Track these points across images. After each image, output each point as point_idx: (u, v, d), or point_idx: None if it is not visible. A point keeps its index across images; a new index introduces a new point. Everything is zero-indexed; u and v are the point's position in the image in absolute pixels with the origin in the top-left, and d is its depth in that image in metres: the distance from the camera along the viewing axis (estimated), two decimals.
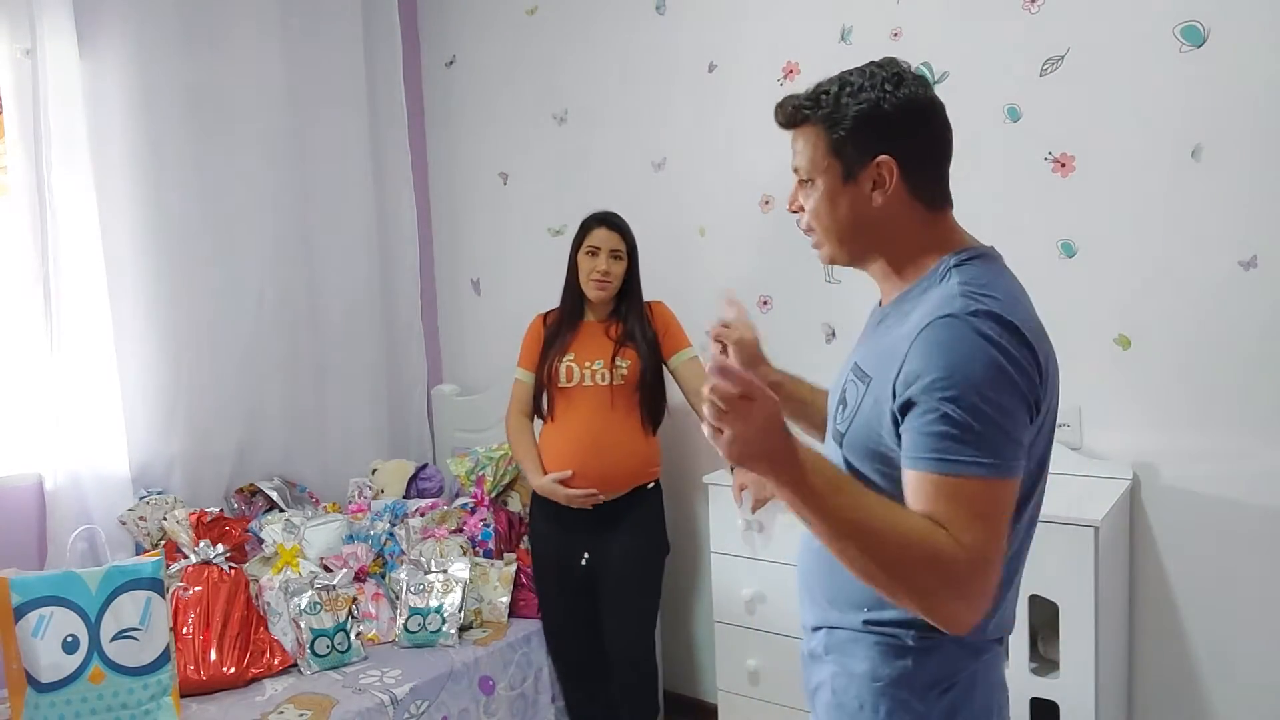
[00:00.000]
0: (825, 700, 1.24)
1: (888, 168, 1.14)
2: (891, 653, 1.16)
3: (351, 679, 2.35)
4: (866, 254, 1.21)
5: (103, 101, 2.62)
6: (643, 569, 2.59)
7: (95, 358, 2.56)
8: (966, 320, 1.04)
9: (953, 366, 1.03)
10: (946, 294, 1.09)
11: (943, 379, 1.02)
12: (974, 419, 1.01)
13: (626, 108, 3.03)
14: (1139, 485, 2.25)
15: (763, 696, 2.47)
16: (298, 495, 2.99)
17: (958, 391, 1.02)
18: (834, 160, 1.16)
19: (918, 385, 1.04)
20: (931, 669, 1.16)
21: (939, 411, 1.02)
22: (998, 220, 2.37)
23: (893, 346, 1.11)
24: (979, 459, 1.01)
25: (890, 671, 1.16)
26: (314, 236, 3.15)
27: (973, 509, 1.01)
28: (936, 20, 2.44)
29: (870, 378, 1.15)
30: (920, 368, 1.05)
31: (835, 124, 1.16)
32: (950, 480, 1.01)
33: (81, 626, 2.07)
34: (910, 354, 1.06)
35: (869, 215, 1.17)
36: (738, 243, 2.84)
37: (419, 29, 3.56)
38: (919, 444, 1.04)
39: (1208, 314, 2.15)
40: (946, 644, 1.14)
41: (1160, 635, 2.26)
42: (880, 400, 1.11)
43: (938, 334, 1.05)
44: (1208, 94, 2.10)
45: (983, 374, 1.02)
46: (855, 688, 1.19)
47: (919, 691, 1.16)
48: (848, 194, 1.17)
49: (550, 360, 2.57)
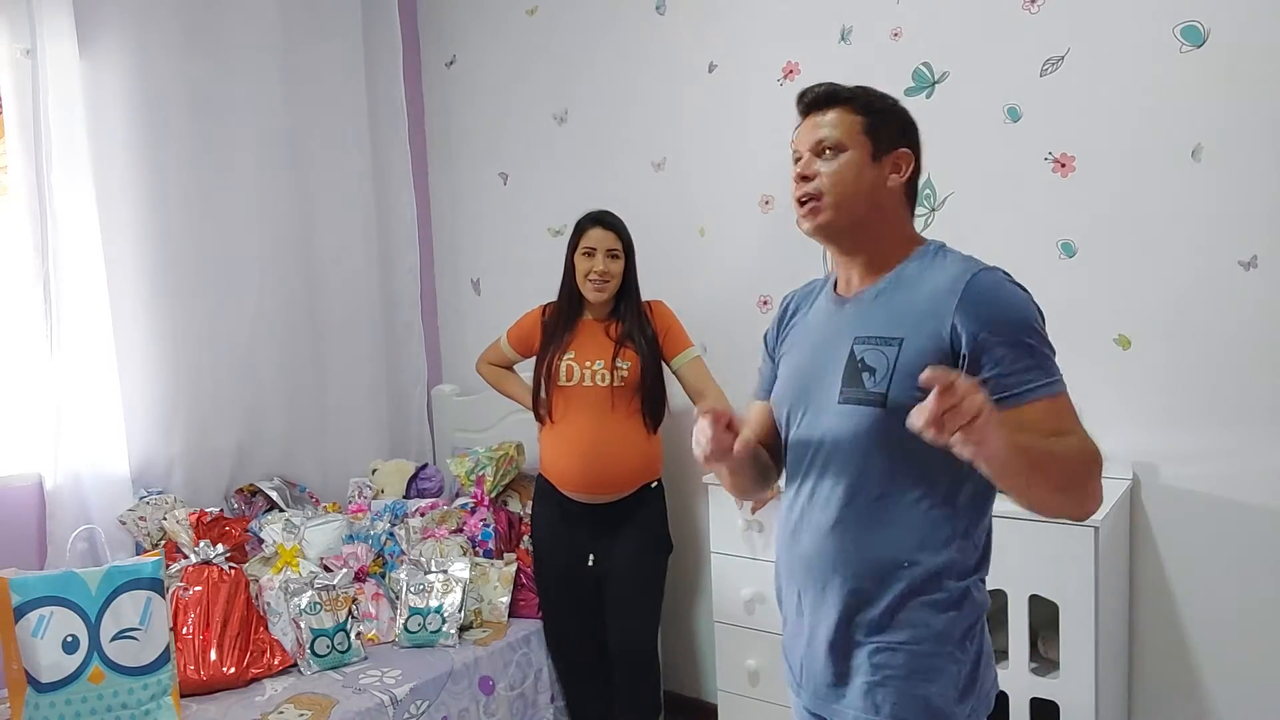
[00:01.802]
0: (863, 682, 1.31)
1: (907, 159, 1.37)
2: (932, 609, 1.28)
3: (351, 679, 2.35)
4: (855, 226, 1.36)
5: (103, 101, 2.62)
6: (646, 569, 2.59)
7: (95, 358, 2.56)
8: (996, 274, 1.27)
9: (1017, 311, 1.24)
10: (959, 260, 1.31)
11: (1014, 323, 1.22)
12: (1044, 347, 1.24)
13: (626, 108, 3.03)
14: (1139, 485, 2.25)
15: (763, 696, 2.47)
16: (298, 495, 2.99)
17: (1030, 330, 1.23)
18: (867, 140, 1.35)
19: (991, 331, 1.22)
20: (966, 618, 1.30)
21: (1023, 348, 1.21)
22: (998, 220, 2.38)
23: (926, 307, 1.27)
24: (1056, 376, 1.23)
25: (932, 630, 1.28)
26: (314, 236, 3.15)
27: (1073, 414, 1.23)
28: (936, 20, 2.44)
29: (899, 338, 1.28)
30: (986, 316, 1.23)
31: (872, 112, 1.36)
32: (1055, 401, 1.21)
33: (81, 626, 2.07)
34: (963, 306, 1.23)
35: (878, 193, 1.35)
36: (738, 243, 2.84)
37: (419, 29, 3.56)
38: (1022, 381, 1.21)
39: (1208, 314, 2.15)
40: (972, 590, 1.31)
41: (1160, 635, 2.26)
42: (924, 351, 1.25)
43: (989, 288, 1.25)
44: (1208, 94, 2.10)
45: (1034, 311, 1.26)
46: (900, 656, 1.29)
47: (959, 643, 1.29)
48: (871, 170, 1.35)
49: (550, 357, 2.56)
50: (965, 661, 1.30)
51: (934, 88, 2.45)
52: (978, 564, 1.34)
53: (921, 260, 1.34)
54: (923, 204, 2.47)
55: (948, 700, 1.28)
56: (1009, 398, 1.20)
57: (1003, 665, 2.06)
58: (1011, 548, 2.00)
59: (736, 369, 2.77)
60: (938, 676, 1.28)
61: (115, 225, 2.64)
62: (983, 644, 1.34)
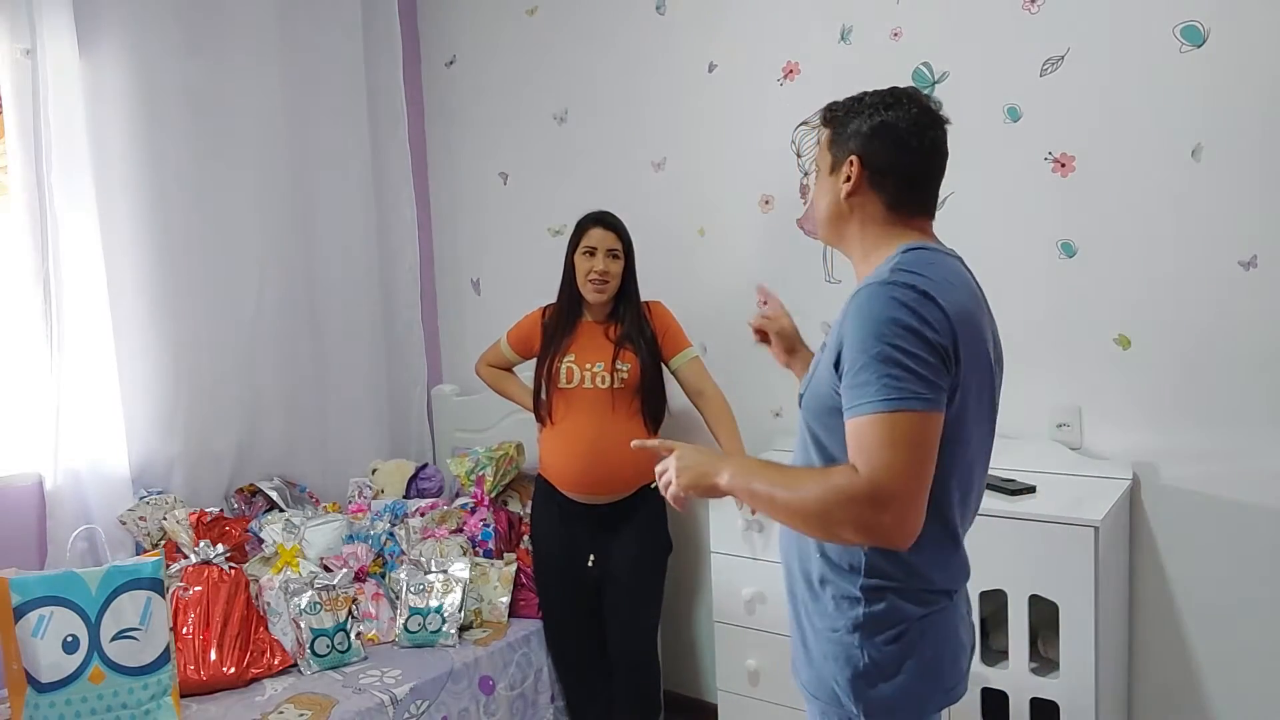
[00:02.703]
0: (800, 657, 1.42)
1: (852, 166, 1.37)
2: (847, 601, 1.32)
3: (351, 679, 2.35)
4: (839, 237, 1.44)
5: (103, 101, 2.62)
6: (646, 569, 2.59)
7: (95, 358, 2.56)
8: (883, 287, 1.23)
9: (867, 324, 1.20)
10: (878, 272, 1.29)
11: (860, 336, 1.21)
12: (887, 364, 1.18)
13: (626, 108, 3.03)
14: (1139, 485, 2.25)
15: (763, 696, 2.47)
16: (298, 495, 2.99)
17: (872, 343, 1.19)
18: (827, 154, 1.43)
19: (845, 346, 1.23)
20: (880, 617, 1.30)
21: (860, 362, 1.20)
22: (998, 220, 2.38)
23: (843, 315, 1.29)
24: (887, 396, 1.17)
25: (845, 622, 1.32)
26: (314, 236, 3.15)
27: (877, 439, 1.17)
28: (936, 20, 2.44)
29: (826, 344, 1.34)
30: (845, 331, 1.24)
31: (832, 126, 1.42)
32: (863, 420, 1.19)
33: (81, 626, 2.07)
34: (844, 316, 1.26)
35: (838, 204, 1.40)
36: (738, 243, 2.84)
37: (419, 29, 3.56)
38: (850, 396, 1.21)
39: (1208, 314, 2.15)
40: (889, 595, 1.30)
41: (1160, 635, 2.26)
42: (826, 364, 1.30)
43: (859, 302, 1.24)
44: (1208, 94, 2.10)
45: (892, 325, 1.19)
46: (820, 640, 1.36)
47: (870, 639, 1.31)
48: (828, 184, 1.42)
49: (550, 359, 2.56)
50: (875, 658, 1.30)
51: (934, 88, 2.45)
52: (909, 575, 1.30)
53: (883, 267, 1.32)
54: None
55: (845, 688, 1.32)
56: (846, 411, 1.22)
57: (1002, 665, 2.06)
58: (1011, 548, 2.00)
59: (736, 369, 2.77)
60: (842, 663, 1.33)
61: (115, 225, 2.64)
62: (913, 649, 1.31)
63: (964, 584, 1.39)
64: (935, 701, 1.35)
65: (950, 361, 1.21)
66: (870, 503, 1.15)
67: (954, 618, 1.36)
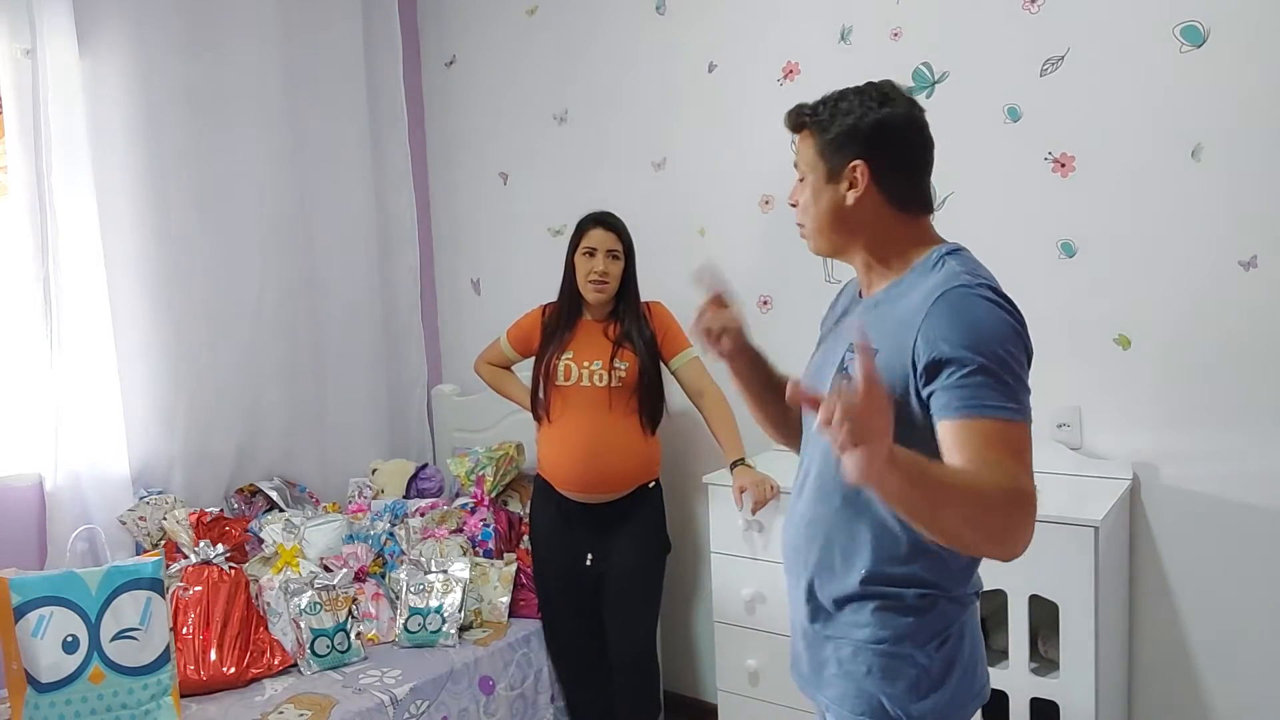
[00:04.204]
0: (832, 674, 1.35)
1: (861, 171, 1.31)
2: (894, 612, 1.29)
3: (351, 679, 2.35)
4: (845, 245, 1.37)
5: (103, 101, 2.62)
6: (645, 569, 2.59)
7: (95, 358, 2.56)
8: (976, 290, 1.20)
9: (978, 328, 1.17)
10: (949, 273, 1.24)
11: (971, 339, 1.16)
12: (1003, 371, 1.15)
13: (626, 108, 3.03)
14: (1139, 485, 2.25)
15: (763, 696, 2.47)
16: (298, 495, 2.99)
17: (987, 348, 1.15)
18: (820, 162, 1.34)
19: (947, 346, 1.17)
20: (930, 624, 1.29)
21: (974, 365, 1.15)
22: (998, 220, 2.38)
23: (901, 321, 1.24)
24: (1010, 404, 1.15)
25: (892, 632, 1.29)
26: (314, 236, 3.15)
27: (1014, 448, 1.14)
28: (936, 20, 2.44)
29: (877, 350, 1.22)
30: (945, 331, 1.18)
31: (824, 131, 1.34)
32: (995, 424, 1.14)
33: (81, 626, 2.07)
34: (928, 322, 1.19)
35: (844, 211, 1.33)
36: (738, 243, 2.84)
37: (419, 29, 3.56)
38: (960, 396, 1.15)
39: (1208, 314, 2.15)
40: (940, 600, 1.29)
41: (1160, 635, 2.26)
42: (893, 367, 1.22)
43: (955, 303, 1.19)
44: (1208, 94, 2.10)
45: (1003, 332, 1.18)
46: (862, 654, 1.31)
47: (921, 646, 1.29)
48: (828, 192, 1.34)
49: (549, 356, 2.57)
50: (926, 665, 1.29)
51: (934, 88, 2.45)
52: (953, 580, 1.31)
53: (921, 270, 1.29)
54: None
55: (898, 701, 1.29)
56: (953, 410, 1.15)
57: (1003, 665, 2.06)
58: None
59: None
60: (892, 676, 1.29)
61: (115, 225, 2.64)
62: (957, 651, 1.31)
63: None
64: (972, 706, 1.35)
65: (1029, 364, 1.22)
66: (1032, 506, 1.12)
67: (977, 618, 1.38)
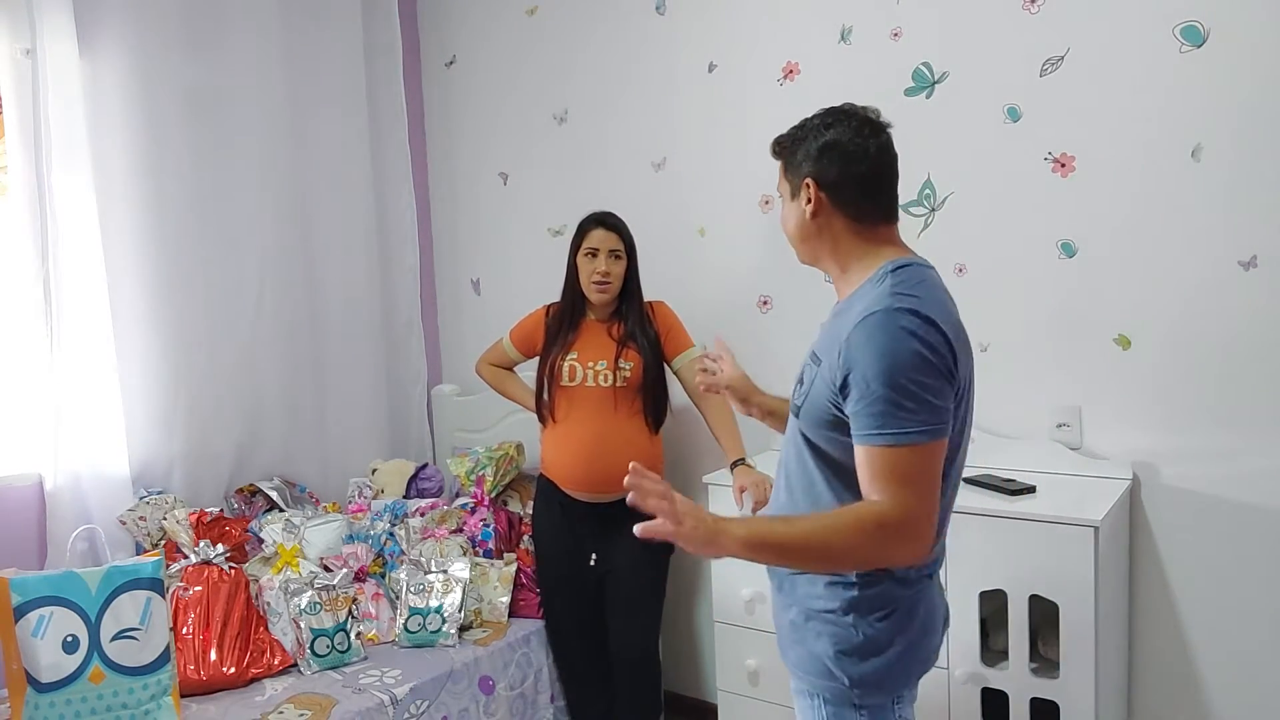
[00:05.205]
0: (791, 639, 1.50)
1: (810, 188, 1.45)
2: (841, 586, 1.41)
3: (351, 679, 2.35)
4: (815, 256, 1.52)
5: (103, 101, 2.62)
6: (648, 569, 2.59)
7: (95, 358, 2.56)
8: (891, 314, 1.29)
9: (883, 356, 1.27)
10: (880, 293, 1.34)
11: (875, 367, 1.27)
12: (902, 397, 1.26)
13: (626, 108, 3.03)
14: (1139, 485, 2.25)
15: (763, 696, 2.47)
16: (298, 495, 2.99)
17: (888, 376, 1.26)
18: (784, 182, 1.53)
19: (855, 371, 1.29)
20: (875, 599, 1.40)
21: (874, 394, 1.27)
22: (998, 220, 2.38)
23: (837, 334, 1.36)
24: (907, 428, 1.26)
25: (840, 604, 1.41)
26: (314, 236, 3.15)
27: (899, 473, 1.27)
28: (936, 20, 2.44)
29: (820, 360, 1.40)
30: (856, 356, 1.30)
31: (789, 155, 1.51)
32: (883, 451, 1.28)
33: (81, 626, 2.07)
34: (848, 343, 1.31)
35: (807, 226, 1.48)
36: (738, 243, 2.84)
37: (419, 29, 3.56)
38: (859, 423, 1.30)
39: (1208, 314, 2.15)
40: (886, 580, 1.40)
41: (1160, 635, 2.26)
42: (827, 380, 1.36)
43: (870, 329, 1.30)
44: (1208, 94, 2.11)
45: (906, 361, 1.27)
46: (814, 621, 1.45)
47: (864, 616, 1.41)
48: (793, 208, 1.50)
49: (553, 357, 2.57)
50: (871, 635, 1.41)
51: (934, 88, 2.45)
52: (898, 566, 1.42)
53: (871, 283, 1.40)
54: (922, 204, 2.48)
55: (840, 663, 1.42)
56: (855, 435, 1.31)
57: (1002, 665, 2.06)
58: (1011, 548, 2.00)
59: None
60: (837, 642, 1.42)
61: (115, 225, 2.64)
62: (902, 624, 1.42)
63: (941, 564, 1.51)
64: (915, 672, 1.48)
65: (953, 379, 1.30)
66: (900, 533, 1.27)
67: (933, 593, 1.48)
